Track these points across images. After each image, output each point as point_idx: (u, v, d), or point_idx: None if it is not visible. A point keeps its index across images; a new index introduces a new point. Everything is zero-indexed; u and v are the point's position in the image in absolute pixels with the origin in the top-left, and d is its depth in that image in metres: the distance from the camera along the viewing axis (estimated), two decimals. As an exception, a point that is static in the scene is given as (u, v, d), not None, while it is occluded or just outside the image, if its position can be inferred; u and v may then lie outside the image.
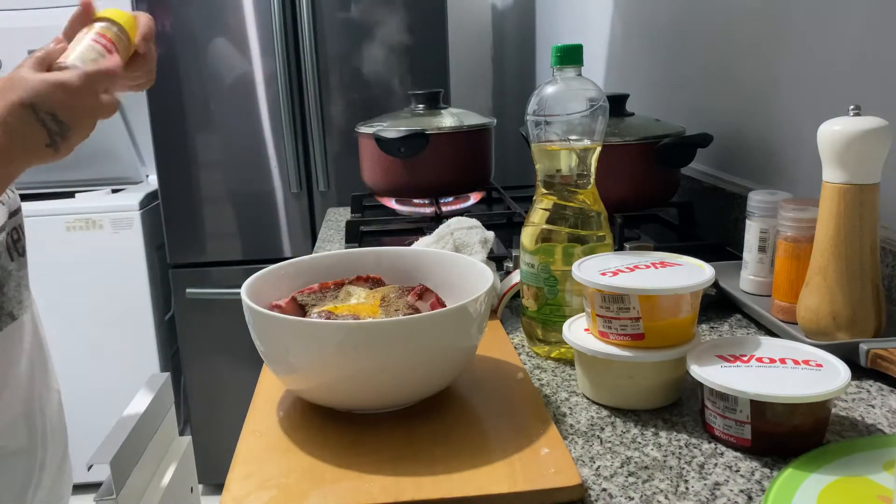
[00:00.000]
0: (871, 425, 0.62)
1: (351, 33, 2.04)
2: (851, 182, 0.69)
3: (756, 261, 0.88)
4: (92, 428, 1.68)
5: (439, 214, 1.29)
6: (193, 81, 2.03)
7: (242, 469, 0.57)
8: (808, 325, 0.74)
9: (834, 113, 0.71)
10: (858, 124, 0.68)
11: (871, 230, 0.70)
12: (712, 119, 1.25)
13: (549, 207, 0.75)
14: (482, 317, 0.65)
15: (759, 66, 1.10)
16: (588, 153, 0.74)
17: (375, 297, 0.70)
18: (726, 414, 0.58)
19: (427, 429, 0.62)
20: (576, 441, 0.61)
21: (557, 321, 0.74)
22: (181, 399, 2.26)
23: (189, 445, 0.98)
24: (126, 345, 2.22)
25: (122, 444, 0.79)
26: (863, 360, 0.70)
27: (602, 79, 1.75)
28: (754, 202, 0.87)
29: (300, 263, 0.75)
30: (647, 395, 0.66)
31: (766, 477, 0.55)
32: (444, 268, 0.75)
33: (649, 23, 1.51)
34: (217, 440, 2.15)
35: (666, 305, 0.64)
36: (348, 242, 1.24)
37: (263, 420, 0.65)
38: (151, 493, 0.86)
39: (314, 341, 0.59)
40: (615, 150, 1.07)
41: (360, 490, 0.54)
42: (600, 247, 0.75)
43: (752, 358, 0.62)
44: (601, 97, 0.74)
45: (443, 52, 2.08)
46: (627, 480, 0.55)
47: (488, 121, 1.40)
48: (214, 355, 2.19)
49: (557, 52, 0.74)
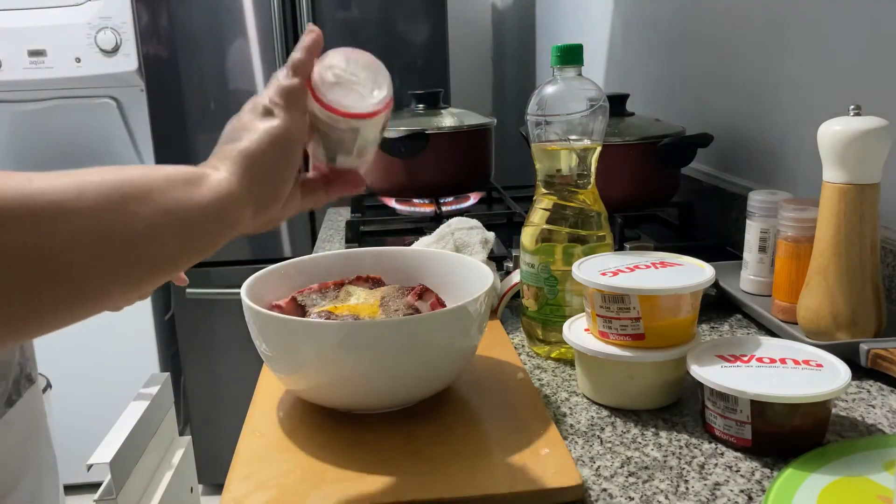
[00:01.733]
0: (871, 425, 0.62)
1: (351, 33, 2.04)
2: (852, 182, 0.69)
3: (756, 261, 0.88)
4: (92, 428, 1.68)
5: (439, 214, 1.29)
6: (193, 81, 2.03)
7: (242, 469, 0.57)
8: (808, 325, 0.74)
9: (834, 113, 0.71)
10: (858, 124, 0.68)
11: (872, 230, 0.70)
12: (712, 119, 1.25)
13: (550, 207, 0.75)
14: (482, 317, 0.65)
15: (759, 66, 1.10)
16: (588, 153, 0.74)
17: (375, 297, 0.70)
18: (726, 414, 0.58)
19: (427, 429, 0.62)
20: (576, 441, 0.61)
21: (557, 321, 0.74)
22: (181, 399, 2.26)
23: (189, 445, 0.97)
24: (126, 345, 2.21)
25: (122, 444, 0.79)
26: (863, 361, 0.70)
27: (602, 79, 1.75)
28: (754, 202, 0.87)
29: (300, 263, 0.75)
30: (647, 395, 0.66)
31: (766, 477, 0.55)
32: (444, 268, 0.75)
33: (649, 23, 1.51)
34: (217, 440, 2.15)
35: (666, 305, 0.64)
36: (348, 242, 1.24)
37: (263, 420, 0.65)
38: (151, 493, 0.86)
39: (314, 341, 0.59)
40: (615, 150, 1.07)
41: (360, 490, 0.54)
42: (600, 247, 0.75)
43: (752, 358, 0.62)
44: (601, 97, 0.74)
45: (443, 52, 2.08)
46: (628, 480, 0.55)
47: (488, 121, 1.40)
48: (214, 355, 2.19)
49: (557, 52, 0.74)
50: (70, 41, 2.11)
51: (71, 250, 0.38)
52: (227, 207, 0.46)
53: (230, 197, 0.47)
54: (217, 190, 0.46)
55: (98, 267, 0.40)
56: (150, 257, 0.43)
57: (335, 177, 0.56)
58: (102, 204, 0.40)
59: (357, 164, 0.56)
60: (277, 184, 0.51)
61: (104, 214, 0.40)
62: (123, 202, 0.41)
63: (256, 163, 0.49)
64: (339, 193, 0.57)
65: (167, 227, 0.43)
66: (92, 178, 0.41)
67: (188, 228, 0.45)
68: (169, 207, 0.43)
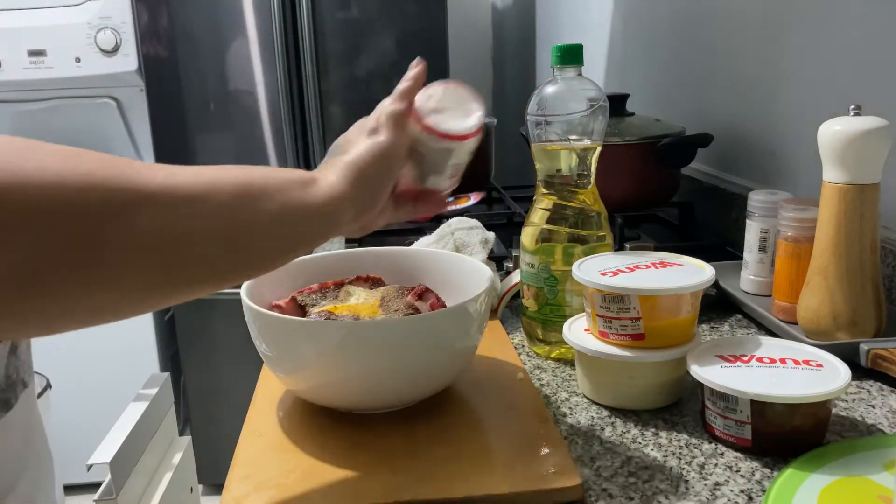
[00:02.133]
0: (871, 425, 0.62)
1: (351, 33, 2.04)
2: (852, 182, 0.69)
3: (756, 261, 0.88)
4: (92, 428, 1.68)
5: (439, 214, 1.29)
6: (193, 81, 2.03)
7: (242, 469, 0.57)
8: (808, 325, 0.74)
9: (834, 113, 0.71)
10: (858, 124, 0.68)
11: (872, 230, 0.70)
12: (712, 119, 1.25)
13: (550, 207, 0.75)
14: (482, 317, 0.65)
15: (759, 66, 1.10)
16: (588, 153, 0.74)
17: (375, 297, 0.70)
18: (726, 414, 0.58)
19: (427, 429, 0.62)
20: (576, 441, 0.61)
21: (557, 321, 0.74)
22: (181, 399, 2.26)
23: (189, 445, 0.97)
24: (126, 345, 2.21)
25: (122, 444, 0.79)
26: (863, 361, 0.70)
27: (602, 79, 1.75)
28: (754, 202, 0.87)
29: (300, 263, 0.75)
30: (647, 395, 0.66)
31: (766, 477, 0.55)
32: (444, 268, 0.75)
33: (649, 23, 1.51)
34: (217, 440, 2.15)
35: (666, 305, 0.64)
36: (348, 242, 1.24)
37: (263, 420, 0.65)
38: (151, 493, 0.86)
39: (314, 341, 0.59)
40: (615, 150, 1.07)
41: (360, 490, 0.54)
42: (600, 247, 0.75)
43: (752, 358, 0.62)
44: (601, 97, 0.74)
45: (443, 52, 2.08)
46: (628, 481, 0.55)
47: (488, 121, 1.40)
48: (214, 355, 2.19)
49: (557, 52, 0.74)
50: (70, 41, 2.12)
51: (204, 236, 0.43)
52: (335, 208, 0.52)
53: (340, 198, 0.52)
54: (329, 192, 0.51)
55: (223, 252, 0.45)
56: (265, 247, 0.48)
57: (423, 196, 0.63)
58: (232, 199, 0.45)
59: (444, 185, 0.62)
60: (378, 192, 0.56)
61: (233, 208, 0.45)
62: (251, 199, 0.46)
63: (362, 172, 0.54)
64: (425, 210, 0.63)
65: (284, 221, 0.48)
66: (224, 175, 0.46)
67: (301, 224, 0.50)
68: (289, 205, 0.48)
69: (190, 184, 0.43)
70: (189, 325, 2.18)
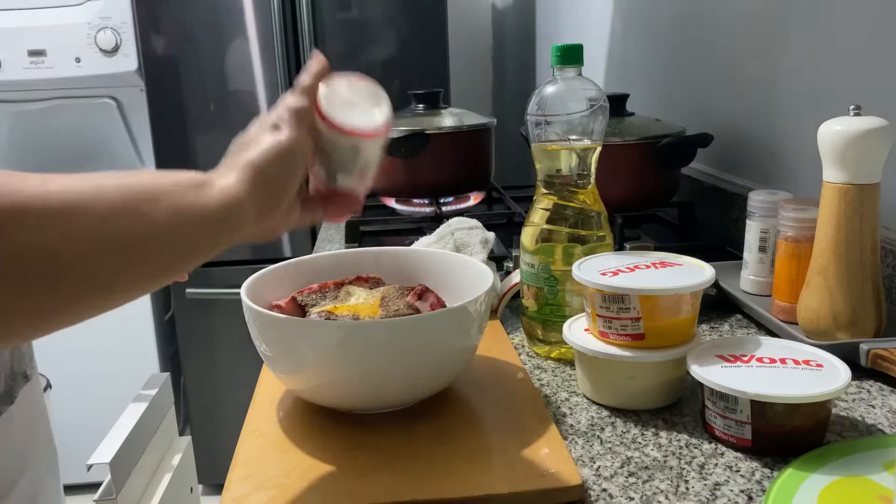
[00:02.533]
0: (871, 425, 0.62)
1: (351, 33, 2.04)
2: (852, 182, 0.69)
3: (756, 261, 0.88)
4: (92, 428, 1.68)
5: (439, 214, 1.29)
6: (193, 81, 2.03)
7: (242, 469, 0.57)
8: (808, 325, 0.74)
9: (834, 113, 0.71)
10: (858, 124, 0.68)
11: (872, 230, 0.70)
12: (712, 119, 1.25)
13: (550, 207, 0.75)
14: (482, 317, 0.65)
15: (759, 66, 1.10)
16: (588, 153, 0.74)
17: (375, 297, 0.70)
18: (726, 414, 0.58)
19: (427, 429, 0.62)
20: (576, 441, 0.61)
21: (557, 321, 0.74)
22: (181, 399, 2.26)
23: (189, 445, 0.97)
24: (126, 345, 2.22)
25: (121, 444, 0.79)
26: (863, 361, 0.70)
27: (602, 79, 1.75)
28: (754, 202, 0.87)
29: (300, 263, 0.75)
30: (647, 395, 0.66)
31: (766, 477, 0.55)
32: (444, 268, 0.75)
33: (649, 23, 1.51)
34: (217, 440, 2.15)
35: (666, 305, 0.64)
36: (348, 242, 1.24)
37: (263, 420, 0.65)
38: (151, 493, 0.86)
39: (314, 341, 0.59)
40: (615, 150, 1.07)
41: (360, 490, 0.54)
42: (600, 247, 0.75)
43: (752, 358, 0.62)
44: (601, 97, 0.74)
45: (443, 52, 2.08)
46: (628, 481, 0.55)
47: (488, 121, 1.40)
48: (214, 355, 2.19)
49: (557, 52, 0.74)
50: (70, 41, 2.12)
51: (87, 249, 0.40)
52: (232, 211, 0.48)
53: (236, 201, 0.48)
54: (224, 194, 0.48)
55: (110, 265, 0.41)
56: (158, 257, 0.44)
57: (333, 197, 0.59)
58: (117, 206, 0.42)
59: (355, 185, 0.59)
60: (280, 192, 0.52)
61: (119, 215, 0.42)
62: (137, 204, 0.43)
63: (262, 172, 0.51)
64: (336, 213, 0.59)
65: (176, 228, 0.45)
66: (107, 181, 0.42)
67: (195, 230, 0.46)
68: (179, 209, 0.45)
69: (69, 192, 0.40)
70: (189, 325, 2.18)
